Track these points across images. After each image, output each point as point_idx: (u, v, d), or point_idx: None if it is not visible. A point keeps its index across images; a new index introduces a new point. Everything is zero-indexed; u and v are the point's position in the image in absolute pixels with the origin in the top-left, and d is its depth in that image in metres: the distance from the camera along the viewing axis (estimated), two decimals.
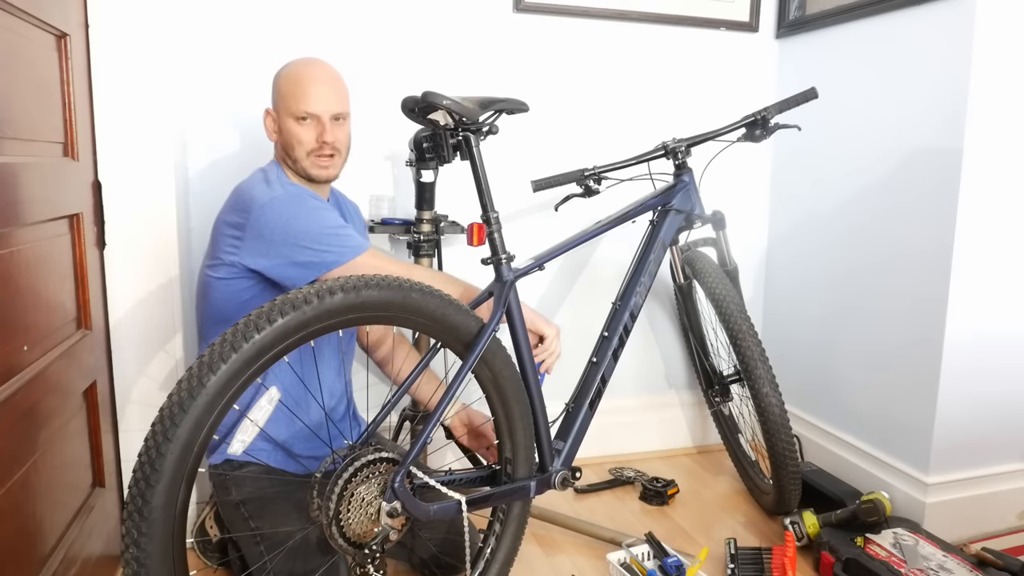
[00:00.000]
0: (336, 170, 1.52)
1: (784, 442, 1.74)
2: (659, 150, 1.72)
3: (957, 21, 1.69)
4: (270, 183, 1.44)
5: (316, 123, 1.45)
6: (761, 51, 2.33)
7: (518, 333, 1.38)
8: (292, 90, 1.45)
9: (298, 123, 1.45)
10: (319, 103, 1.45)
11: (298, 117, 1.45)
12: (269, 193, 1.40)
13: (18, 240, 1.12)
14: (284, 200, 1.39)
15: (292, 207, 1.38)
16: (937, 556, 1.58)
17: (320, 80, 1.46)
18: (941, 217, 1.75)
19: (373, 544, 1.20)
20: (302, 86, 1.44)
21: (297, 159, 1.47)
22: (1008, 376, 1.84)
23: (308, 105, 1.44)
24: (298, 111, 1.44)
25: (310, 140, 1.46)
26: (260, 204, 1.39)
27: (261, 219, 1.38)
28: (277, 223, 1.37)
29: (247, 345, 1.03)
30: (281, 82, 1.48)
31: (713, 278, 1.84)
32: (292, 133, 1.46)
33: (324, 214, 1.40)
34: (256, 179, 1.46)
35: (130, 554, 0.99)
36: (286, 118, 1.46)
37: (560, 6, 2.09)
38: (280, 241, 1.37)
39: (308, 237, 1.36)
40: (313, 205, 1.40)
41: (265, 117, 1.53)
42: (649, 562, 1.64)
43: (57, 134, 1.35)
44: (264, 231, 1.38)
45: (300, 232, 1.36)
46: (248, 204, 1.41)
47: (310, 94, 1.44)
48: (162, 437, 0.99)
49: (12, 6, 1.11)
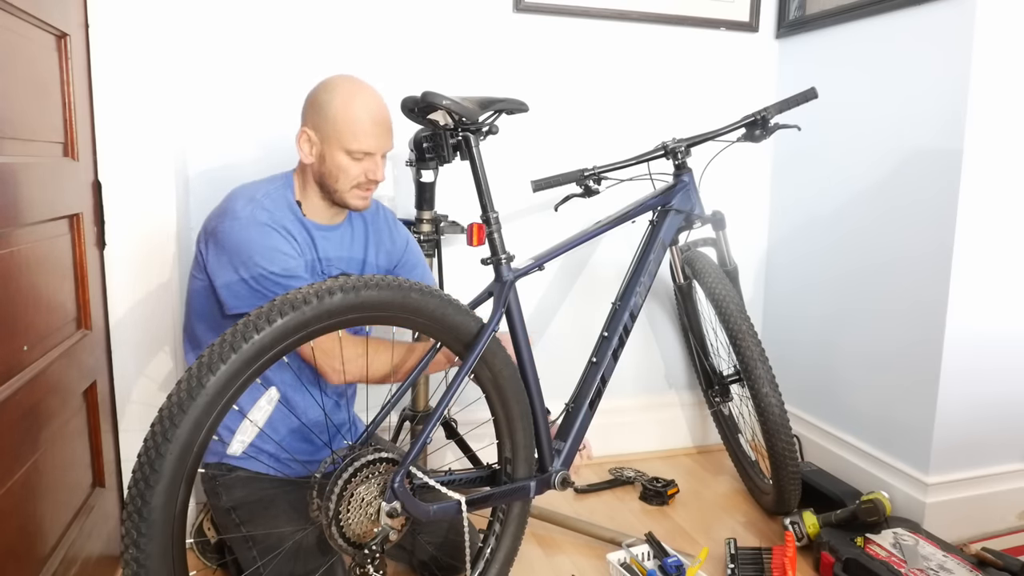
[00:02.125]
0: (369, 202, 1.50)
1: (784, 442, 1.74)
2: (659, 150, 1.72)
3: (957, 21, 1.69)
4: (254, 201, 1.41)
5: (369, 160, 1.42)
6: (761, 51, 2.33)
7: (518, 333, 1.38)
8: (350, 126, 1.39)
9: (350, 157, 1.41)
10: (378, 144, 1.41)
11: (352, 153, 1.40)
12: (246, 211, 1.39)
13: (18, 240, 1.12)
14: (251, 225, 1.37)
15: (255, 236, 1.37)
16: (937, 556, 1.58)
17: (380, 120, 1.42)
18: (941, 218, 1.74)
19: (373, 544, 1.20)
20: (362, 124, 1.39)
21: (338, 190, 1.43)
22: (1008, 376, 1.84)
23: (367, 145, 1.40)
24: (356, 149, 1.40)
25: (359, 176, 1.42)
26: (232, 216, 1.39)
27: (223, 229, 1.39)
28: (234, 240, 1.37)
29: (246, 346, 1.03)
30: (335, 111, 1.39)
31: (713, 278, 1.84)
32: (341, 166, 1.41)
33: (279, 257, 1.37)
34: (246, 192, 1.44)
35: (130, 554, 0.99)
36: (337, 150, 1.41)
37: (560, 6, 2.09)
38: (229, 258, 1.37)
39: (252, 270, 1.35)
40: (273, 244, 1.37)
41: (300, 137, 1.43)
42: (649, 562, 1.64)
43: (57, 134, 1.35)
44: (222, 242, 1.38)
45: (250, 263, 1.36)
46: (223, 213, 1.41)
47: (371, 134, 1.40)
48: (161, 438, 0.99)
49: (12, 6, 1.11)
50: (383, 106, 1.44)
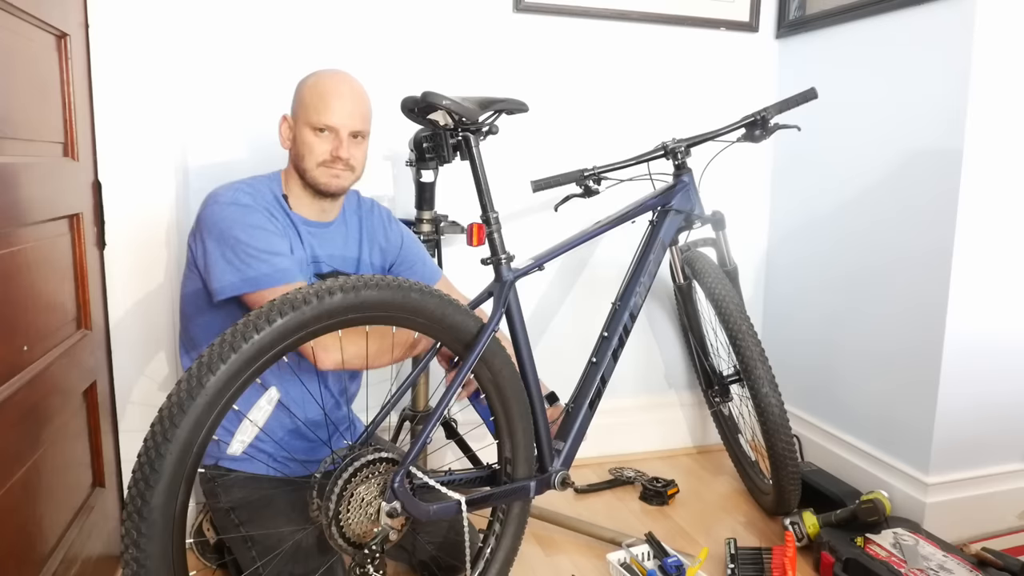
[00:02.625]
0: (347, 182, 1.46)
1: (784, 442, 1.74)
2: (659, 150, 1.72)
3: (957, 21, 1.69)
4: (236, 188, 1.41)
5: (333, 137, 1.42)
6: (761, 51, 2.33)
7: (518, 333, 1.38)
8: (314, 101, 1.41)
9: (315, 134, 1.41)
10: (339, 117, 1.41)
11: (316, 128, 1.41)
12: (227, 195, 1.39)
13: (18, 240, 1.12)
14: (231, 204, 1.37)
15: (237, 214, 1.36)
16: (937, 556, 1.58)
17: (345, 95, 1.42)
18: (941, 218, 1.74)
19: (373, 544, 1.20)
20: (325, 98, 1.41)
21: (307, 169, 1.43)
22: (1008, 376, 1.84)
23: (328, 118, 1.40)
24: (317, 122, 1.40)
25: (323, 152, 1.42)
26: (213, 201, 1.40)
27: (204, 215, 1.39)
28: (215, 220, 1.37)
29: (246, 345, 1.03)
30: (304, 90, 1.44)
31: (713, 278, 1.84)
32: (306, 143, 1.42)
33: (261, 233, 1.36)
34: (228, 184, 1.44)
35: (130, 555, 0.99)
36: (303, 127, 1.42)
37: (560, 6, 2.09)
38: (213, 239, 1.36)
39: (235, 247, 1.34)
40: (254, 222, 1.36)
41: (281, 123, 1.48)
42: (649, 562, 1.64)
43: (57, 134, 1.35)
44: (204, 225, 1.39)
45: (231, 239, 1.35)
46: (204, 203, 1.42)
47: (332, 107, 1.40)
48: (161, 438, 0.99)
49: (12, 6, 1.11)
50: (354, 87, 1.44)
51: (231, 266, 1.34)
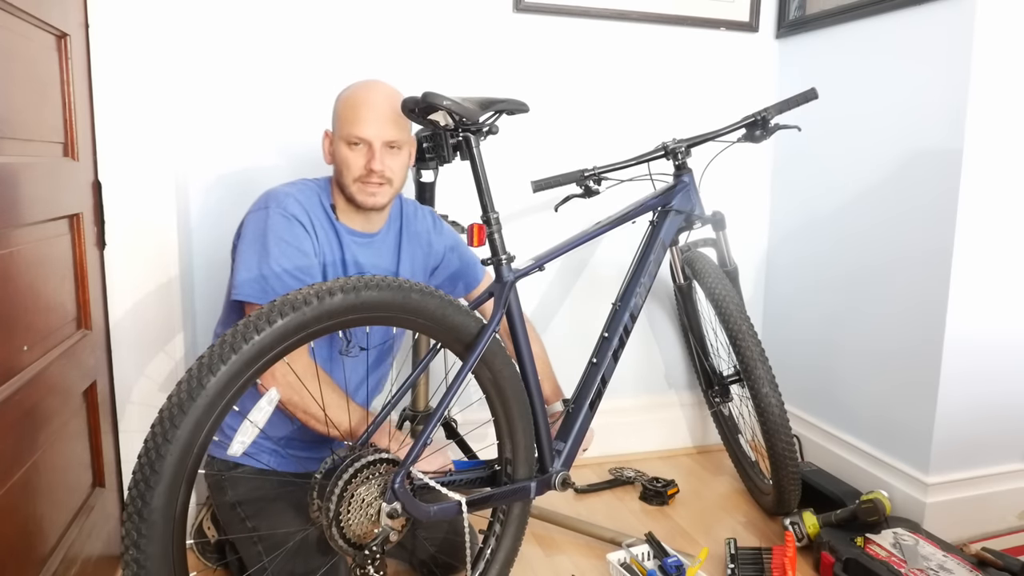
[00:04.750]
0: (385, 199, 1.46)
1: (784, 442, 1.74)
2: (659, 151, 1.72)
3: (957, 21, 1.69)
4: (288, 195, 1.42)
5: (367, 149, 1.41)
6: (761, 51, 2.33)
7: (518, 334, 1.38)
8: (347, 113, 1.41)
9: (349, 148, 1.41)
10: (371, 128, 1.40)
11: (350, 142, 1.41)
12: (279, 201, 1.40)
13: (18, 240, 1.12)
14: (279, 215, 1.39)
15: (278, 226, 1.38)
16: (937, 556, 1.58)
17: (376, 104, 1.41)
18: (941, 218, 1.74)
19: (373, 545, 1.20)
20: (356, 110, 1.40)
21: (346, 185, 1.44)
22: (1008, 376, 1.84)
23: (360, 130, 1.40)
24: (350, 135, 1.41)
25: (358, 166, 1.42)
26: (265, 202, 1.41)
27: (255, 215, 1.41)
28: (258, 226, 1.38)
29: (247, 346, 1.03)
30: (339, 104, 1.45)
31: (713, 279, 1.84)
32: (343, 158, 1.42)
33: (290, 251, 1.37)
34: (281, 188, 1.45)
35: (130, 556, 0.99)
36: (339, 141, 1.43)
37: (560, 6, 2.09)
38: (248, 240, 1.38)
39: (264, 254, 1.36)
40: (289, 238, 1.37)
41: (324, 139, 1.48)
42: (649, 562, 1.64)
43: (57, 134, 1.35)
44: (249, 223, 1.41)
45: (262, 248, 1.36)
46: (255, 206, 1.43)
47: (363, 118, 1.40)
48: (162, 438, 0.99)
49: (12, 6, 1.11)
50: (387, 96, 1.43)
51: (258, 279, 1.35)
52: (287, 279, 1.35)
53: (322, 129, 1.49)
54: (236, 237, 1.46)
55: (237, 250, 1.42)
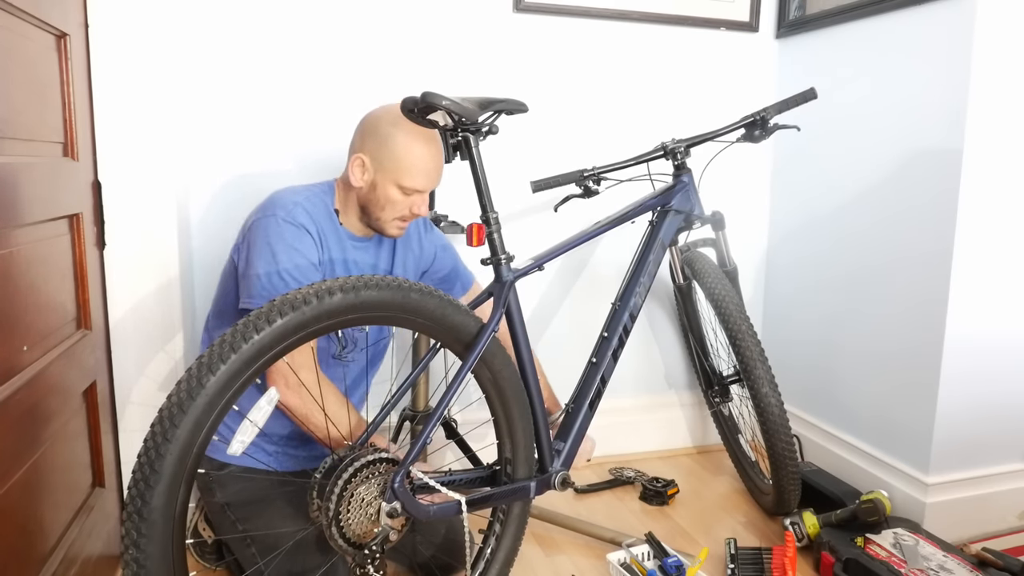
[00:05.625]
0: (404, 231, 1.53)
1: (783, 442, 1.74)
2: (658, 151, 1.72)
3: (957, 21, 1.69)
4: (295, 204, 1.42)
5: (418, 196, 1.46)
6: (761, 51, 2.33)
7: (517, 333, 1.38)
8: (408, 165, 1.42)
9: (400, 192, 1.44)
10: (431, 183, 1.46)
11: (403, 188, 1.44)
12: (286, 210, 1.41)
13: (18, 240, 1.12)
14: (287, 224, 1.40)
15: (287, 235, 1.39)
16: (937, 556, 1.58)
17: (438, 162, 1.45)
18: (941, 218, 1.74)
19: (373, 545, 1.20)
20: (420, 166, 1.43)
21: (381, 218, 1.47)
22: (1008, 376, 1.84)
23: (420, 184, 1.44)
24: (410, 186, 1.43)
25: (404, 209, 1.46)
26: (272, 209, 1.41)
27: (262, 222, 1.41)
28: (267, 233, 1.39)
29: (246, 346, 1.03)
30: (397, 148, 1.42)
31: (712, 279, 1.84)
32: (390, 198, 1.44)
33: (299, 259, 1.39)
34: (288, 194, 1.45)
35: (130, 555, 0.99)
36: (390, 184, 1.44)
37: (560, 6, 2.09)
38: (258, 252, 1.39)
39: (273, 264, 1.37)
40: (299, 247, 1.39)
41: (355, 162, 1.45)
42: (649, 562, 1.64)
43: (57, 134, 1.35)
44: (254, 236, 1.41)
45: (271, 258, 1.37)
46: (262, 210, 1.43)
47: (427, 175, 1.44)
48: (161, 438, 0.99)
49: (12, 6, 1.11)
50: (441, 148, 1.46)
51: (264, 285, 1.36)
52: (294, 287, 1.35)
53: (323, 129, 1.50)
54: (240, 239, 1.47)
55: (246, 257, 1.42)
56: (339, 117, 1.93)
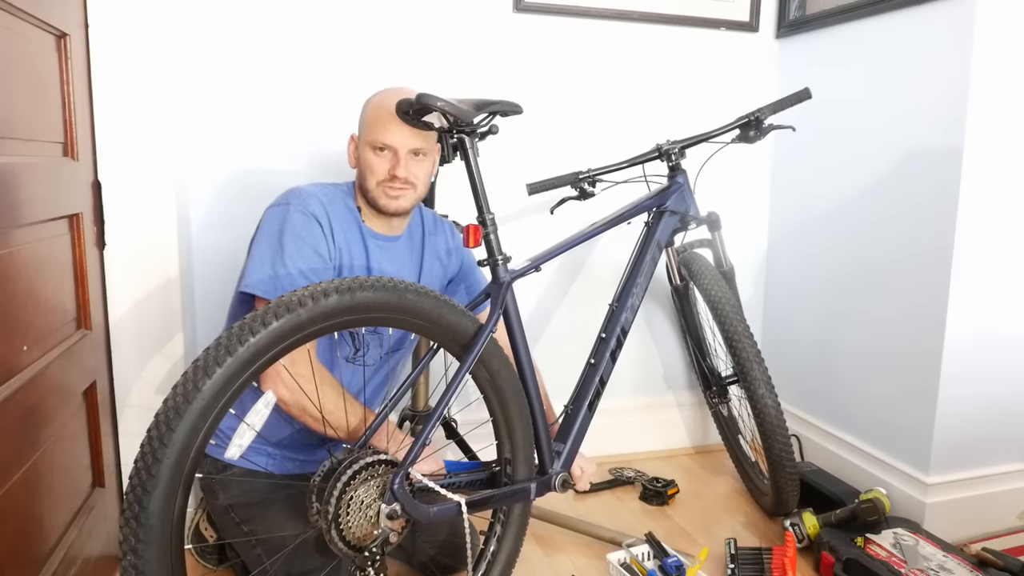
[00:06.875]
0: (408, 203, 1.46)
1: (781, 443, 1.74)
2: (653, 152, 1.72)
3: (957, 21, 1.69)
4: (311, 195, 1.41)
5: (392, 155, 1.42)
6: (761, 51, 2.32)
7: (515, 334, 1.38)
8: (374, 119, 1.42)
9: (374, 153, 1.42)
10: (398, 136, 1.40)
11: (375, 147, 1.41)
12: (301, 200, 1.40)
13: (18, 240, 1.12)
14: (299, 213, 1.38)
15: (296, 223, 1.37)
16: (937, 556, 1.58)
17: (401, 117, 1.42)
18: (941, 218, 1.74)
19: (373, 547, 1.20)
20: (382, 117, 1.41)
21: (369, 189, 1.44)
22: (1008, 376, 1.84)
23: (386, 136, 1.40)
24: (376, 141, 1.41)
25: (382, 171, 1.42)
26: (285, 200, 1.41)
27: (275, 211, 1.40)
28: (277, 220, 1.38)
29: (242, 348, 1.02)
30: (367, 109, 1.45)
31: (709, 280, 1.84)
32: (367, 162, 1.43)
33: (305, 249, 1.36)
34: (315, 187, 1.45)
35: (128, 561, 0.98)
36: (365, 146, 1.43)
37: (560, 6, 2.09)
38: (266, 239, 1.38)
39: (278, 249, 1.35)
40: (307, 237, 1.37)
41: (349, 143, 1.49)
42: (649, 562, 1.64)
43: (57, 134, 1.35)
44: (265, 223, 1.40)
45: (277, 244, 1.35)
46: (281, 195, 1.43)
47: (390, 126, 1.40)
48: (158, 442, 0.98)
49: (12, 6, 1.11)
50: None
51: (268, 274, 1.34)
52: (298, 279, 1.34)
53: (322, 128, 1.50)
54: (257, 230, 1.45)
55: (253, 241, 1.41)
56: (338, 116, 1.93)
